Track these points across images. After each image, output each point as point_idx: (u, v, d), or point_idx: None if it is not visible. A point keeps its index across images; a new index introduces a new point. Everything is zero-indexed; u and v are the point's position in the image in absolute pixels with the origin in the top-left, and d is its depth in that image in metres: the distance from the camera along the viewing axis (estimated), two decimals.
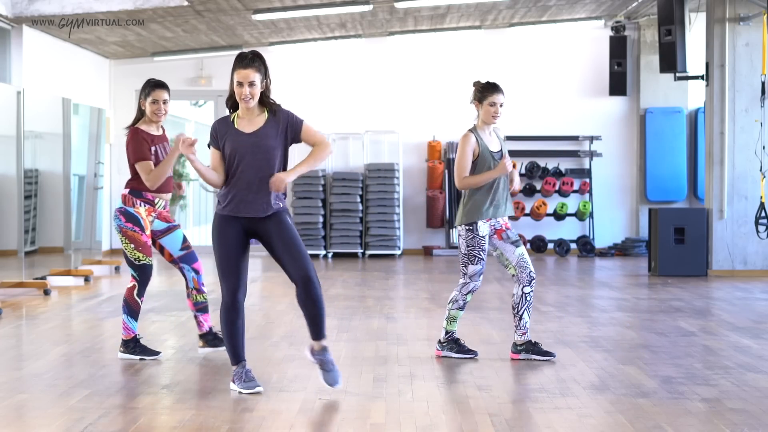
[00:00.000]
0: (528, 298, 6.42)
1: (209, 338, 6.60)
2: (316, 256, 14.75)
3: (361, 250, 14.81)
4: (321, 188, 14.79)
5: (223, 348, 6.55)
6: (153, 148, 6.44)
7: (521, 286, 6.41)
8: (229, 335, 5.43)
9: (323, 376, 5.48)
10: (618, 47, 14.71)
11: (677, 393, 5.47)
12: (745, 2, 11.89)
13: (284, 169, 5.44)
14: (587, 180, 15.10)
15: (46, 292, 9.97)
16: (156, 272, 12.92)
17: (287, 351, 6.74)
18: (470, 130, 6.40)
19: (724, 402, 5.25)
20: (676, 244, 11.94)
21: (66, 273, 11.29)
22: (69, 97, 11.89)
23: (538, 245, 14.95)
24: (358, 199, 14.76)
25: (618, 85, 14.77)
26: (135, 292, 6.46)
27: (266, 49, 15.18)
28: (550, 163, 15.10)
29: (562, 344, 7.02)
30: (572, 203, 15.20)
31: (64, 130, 11.61)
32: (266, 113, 5.47)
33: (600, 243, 15.24)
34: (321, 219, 14.73)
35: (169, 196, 6.59)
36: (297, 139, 5.45)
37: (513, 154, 15.17)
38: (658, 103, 15.08)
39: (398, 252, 14.77)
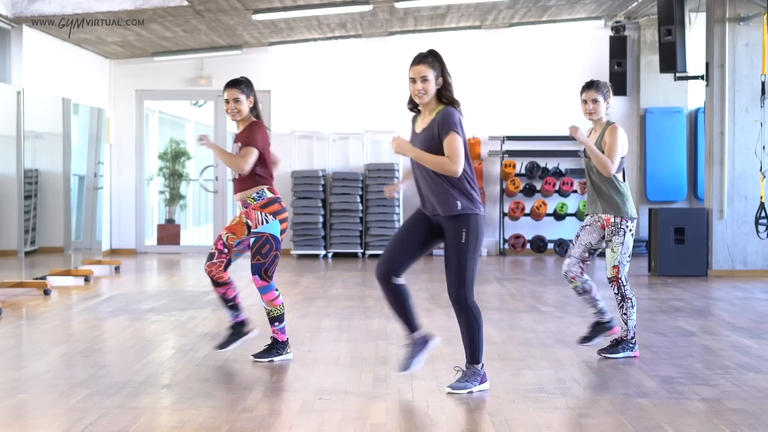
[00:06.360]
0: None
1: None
2: (316, 256, 14.75)
3: (361, 250, 14.81)
4: (321, 188, 14.79)
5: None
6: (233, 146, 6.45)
7: None
8: (392, 309, 5.56)
9: (452, 382, 5.53)
10: (618, 47, 14.71)
11: (677, 393, 5.47)
12: (745, 2, 11.89)
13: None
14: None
15: (46, 292, 9.97)
16: (156, 272, 12.97)
17: None
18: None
19: (724, 402, 5.25)
20: (676, 244, 11.94)
21: (66, 273, 11.29)
22: (69, 97, 11.89)
23: (538, 245, 14.95)
24: (358, 199, 14.76)
25: (618, 85, 14.74)
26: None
27: (266, 49, 15.18)
28: (550, 163, 15.10)
29: (562, 344, 7.02)
30: (572, 203, 15.20)
31: (64, 130, 11.60)
32: (435, 113, 5.41)
33: None
34: (321, 219, 14.73)
35: (243, 195, 6.37)
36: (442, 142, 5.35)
37: (513, 154, 15.21)
38: (658, 103, 15.08)
39: None
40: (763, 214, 11.61)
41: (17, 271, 10.23)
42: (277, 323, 6.43)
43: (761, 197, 11.70)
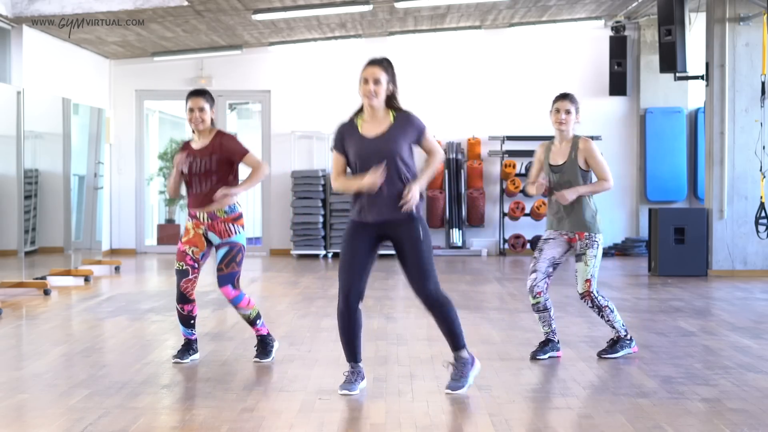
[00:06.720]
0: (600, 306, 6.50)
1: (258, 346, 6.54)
2: (316, 256, 14.75)
3: None
4: (321, 188, 14.79)
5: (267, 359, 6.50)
6: (188, 159, 6.31)
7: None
8: (341, 336, 5.49)
9: (448, 383, 5.52)
10: (618, 47, 14.71)
11: (677, 393, 5.47)
12: (745, 2, 11.89)
13: (411, 172, 5.40)
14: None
15: (46, 292, 9.97)
16: (156, 272, 12.98)
17: (287, 351, 6.74)
18: None
19: (724, 402, 5.25)
20: (676, 244, 11.94)
21: (66, 273, 11.29)
22: (69, 97, 11.89)
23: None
24: None
25: (618, 85, 14.76)
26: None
27: (266, 49, 15.18)
28: None
29: (562, 344, 7.01)
30: None
31: (64, 130, 11.61)
32: (391, 117, 5.49)
33: None
34: (321, 219, 14.74)
35: (214, 207, 6.28)
36: (419, 143, 5.48)
37: (513, 154, 15.20)
38: (658, 103, 15.08)
39: None
40: (763, 214, 11.60)
41: (17, 271, 10.24)
42: (257, 321, 6.46)
43: (761, 197, 11.70)
